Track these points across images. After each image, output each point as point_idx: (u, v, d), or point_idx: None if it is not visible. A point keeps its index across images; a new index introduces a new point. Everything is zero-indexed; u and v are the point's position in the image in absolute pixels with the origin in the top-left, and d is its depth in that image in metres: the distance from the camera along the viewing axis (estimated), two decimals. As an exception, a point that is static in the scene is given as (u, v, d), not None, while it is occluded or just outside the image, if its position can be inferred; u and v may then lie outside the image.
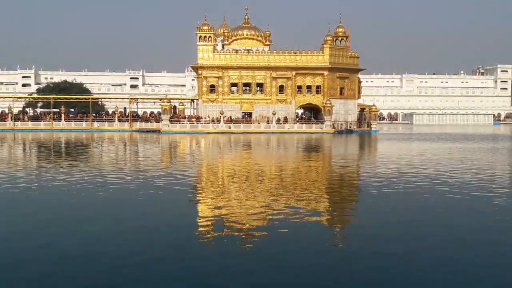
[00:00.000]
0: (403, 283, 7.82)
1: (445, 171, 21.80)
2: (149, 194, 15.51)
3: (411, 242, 10.21)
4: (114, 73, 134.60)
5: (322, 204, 14.58)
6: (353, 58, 68.25)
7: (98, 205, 13.88)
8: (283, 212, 12.83)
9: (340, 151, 36.68)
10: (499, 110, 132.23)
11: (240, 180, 19.14)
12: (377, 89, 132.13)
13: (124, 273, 8.23)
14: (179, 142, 45.02)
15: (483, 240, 10.29)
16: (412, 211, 13.35)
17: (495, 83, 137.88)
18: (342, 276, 8.18)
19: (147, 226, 11.44)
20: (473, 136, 57.15)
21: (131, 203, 14.26)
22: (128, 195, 15.35)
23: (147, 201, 14.57)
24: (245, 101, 65.42)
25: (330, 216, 13.09)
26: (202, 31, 64.69)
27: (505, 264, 8.70)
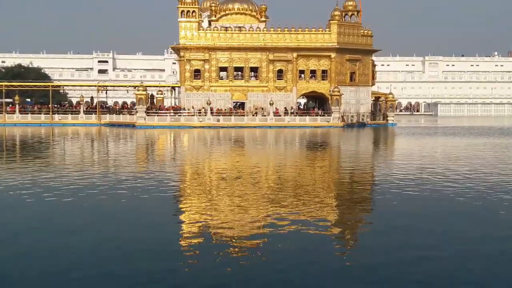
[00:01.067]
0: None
1: (475, 174, 21.83)
2: (124, 203, 15.47)
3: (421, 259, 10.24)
4: (79, 56, 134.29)
5: (326, 216, 14.56)
6: (366, 37, 68.30)
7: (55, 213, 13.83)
8: (281, 226, 12.81)
9: (350, 149, 36.69)
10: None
11: (230, 188, 19.09)
12: (395, 74, 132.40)
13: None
14: (158, 139, 44.93)
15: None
16: (430, 227, 13.37)
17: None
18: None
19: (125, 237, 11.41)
20: (509, 130, 57.34)
21: (104, 211, 14.23)
22: (95, 203, 15.30)
23: (123, 208, 14.54)
24: (237, 88, 65.35)
25: (334, 225, 13.08)
26: (184, 4, 64.48)
27: None
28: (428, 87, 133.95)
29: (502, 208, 14.82)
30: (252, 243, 11.39)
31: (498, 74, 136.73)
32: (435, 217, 13.98)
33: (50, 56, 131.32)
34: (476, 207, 14.98)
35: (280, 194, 17.43)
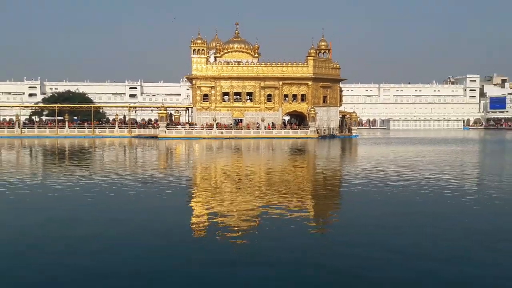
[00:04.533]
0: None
1: (419, 172, 22.06)
2: (152, 194, 15.56)
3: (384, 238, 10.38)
4: (114, 83, 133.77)
5: (308, 204, 14.69)
6: (335, 69, 68.63)
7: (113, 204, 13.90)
8: (272, 211, 12.92)
9: (324, 154, 36.87)
10: (468, 116, 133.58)
11: (232, 181, 19.21)
12: (357, 97, 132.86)
13: (125, 263, 8.29)
14: (175, 147, 44.96)
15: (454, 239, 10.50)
16: (389, 209, 13.52)
17: (465, 92, 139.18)
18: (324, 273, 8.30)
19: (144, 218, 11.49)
20: (444, 140, 57.73)
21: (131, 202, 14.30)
22: (128, 195, 15.36)
23: (148, 199, 14.62)
24: (236, 108, 65.47)
25: (316, 215, 13.20)
26: (196, 44, 64.75)
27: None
28: (382, 107, 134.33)
29: (428, 197, 15.02)
30: (249, 226, 11.50)
31: (436, 98, 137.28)
32: (392, 204, 14.15)
33: (92, 84, 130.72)
34: (414, 194, 15.19)
35: (271, 188, 17.54)
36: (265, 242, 9.80)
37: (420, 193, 15.64)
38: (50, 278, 7.73)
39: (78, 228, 10.92)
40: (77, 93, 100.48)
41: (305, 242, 9.88)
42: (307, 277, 7.78)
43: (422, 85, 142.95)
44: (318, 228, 11.45)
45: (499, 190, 16.74)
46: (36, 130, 66.04)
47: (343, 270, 8.11)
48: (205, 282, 7.57)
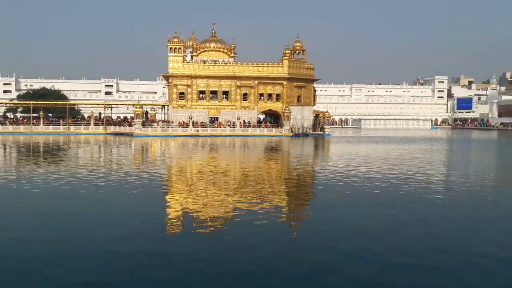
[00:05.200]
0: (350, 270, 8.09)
1: (387, 168, 22.43)
2: (124, 191, 15.36)
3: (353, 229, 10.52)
4: (90, 81, 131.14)
5: (281, 199, 14.76)
6: (309, 70, 69.00)
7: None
8: (245, 207, 12.94)
9: (297, 152, 37.09)
10: (436, 116, 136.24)
11: (207, 179, 19.13)
12: (330, 97, 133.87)
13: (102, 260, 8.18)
14: (151, 144, 44.48)
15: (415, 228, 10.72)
16: (358, 203, 13.71)
17: (433, 92, 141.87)
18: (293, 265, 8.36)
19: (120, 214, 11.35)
20: (413, 139, 58.80)
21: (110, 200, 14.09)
22: (101, 192, 15.13)
23: (123, 197, 14.43)
24: (212, 107, 65.18)
25: (288, 209, 13.28)
26: (172, 43, 64.17)
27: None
28: (354, 107, 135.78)
29: (404, 192, 15.32)
30: (223, 222, 11.49)
31: (405, 98, 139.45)
32: (362, 199, 14.35)
33: (68, 81, 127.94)
34: (383, 186, 15.44)
35: (245, 185, 17.55)
36: (239, 238, 9.81)
37: (387, 189, 15.93)
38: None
39: (54, 228, 10.71)
40: (52, 90, 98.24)
41: (277, 238, 9.93)
42: (279, 273, 7.83)
43: (392, 86, 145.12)
44: (290, 224, 11.53)
45: (460, 184, 17.19)
46: (10, 127, 64.32)
47: (317, 266, 8.18)
48: (179, 280, 7.53)
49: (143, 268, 7.83)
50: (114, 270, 7.81)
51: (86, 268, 7.86)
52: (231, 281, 7.42)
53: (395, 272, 7.84)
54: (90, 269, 7.82)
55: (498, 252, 8.95)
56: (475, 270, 7.99)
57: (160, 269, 7.84)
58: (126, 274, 7.61)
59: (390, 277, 7.64)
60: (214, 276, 7.59)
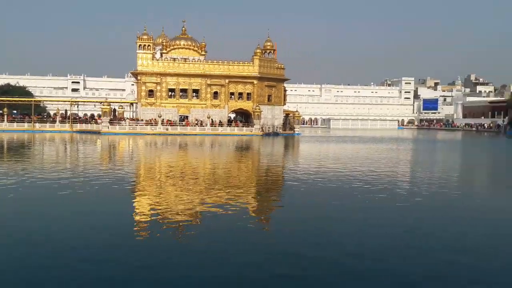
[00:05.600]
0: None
1: (354, 167, 22.67)
2: (88, 189, 14.94)
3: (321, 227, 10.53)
4: (56, 77, 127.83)
5: (250, 198, 14.66)
6: (280, 69, 69.20)
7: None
8: (214, 206, 12.78)
9: (267, 151, 37.12)
10: (403, 116, 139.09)
11: (174, 177, 18.85)
12: (300, 97, 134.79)
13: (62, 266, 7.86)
14: (118, 143, 43.63)
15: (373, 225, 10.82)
16: (325, 201, 13.75)
17: (400, 93, 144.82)
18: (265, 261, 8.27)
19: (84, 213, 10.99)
20: (381, 138, 59.82)
21: (71, 199, 13.66)
22: (66, 191, 14.67)
23: (88, 195, 14.02)
24: (182, 105, 64.50)
25: (257, 209, 13.19)
26: (142, 40, 63.14)
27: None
28: (324, 107, 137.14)
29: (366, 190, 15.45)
30: (191, 221, 11.30)
31: (373, 99, 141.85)
32: (330, 198, 14.40)
33: (33, 77, 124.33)
34: (347, 182, 15.57)
35: (214, 184, 17.38)
36: (208, 238, 9.65)
37: (353, 187, 16.07)
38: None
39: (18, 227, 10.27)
40: (17, 86, 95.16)
41: (247, 237, 9.82)
42: (250, 273, 7.71)
43: (361, 86, 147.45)
44: (259, 223, 11.43)
45: (424, 183, 17.53)
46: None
47: (287, 264, 8.11)
48: (146, 281, 7.32)
49: (109, 269, 7.57)
50: (71, 273, 7.51)
51: (43, 271, 7.54)
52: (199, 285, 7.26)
53: (360, 269, 7.85)
54: (47, 270, 7.51)
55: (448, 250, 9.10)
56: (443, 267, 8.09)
57: (125, 270, 7.60)
58: (86, 278, 7.33)
59: (357, 274, 7.65)
60: (181, 278, 7.41)
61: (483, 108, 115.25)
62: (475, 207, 13.76)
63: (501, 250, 9.27)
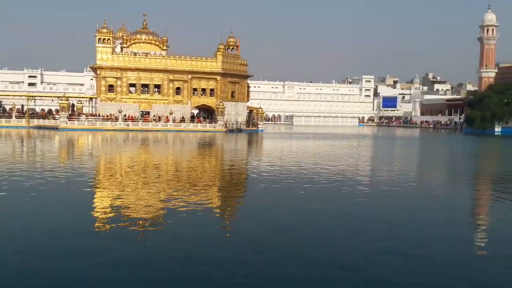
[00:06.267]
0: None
1: (316, 162, 22.84)
2: (46, 187, 14.32)
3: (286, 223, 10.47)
4: (12, 71, 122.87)
5: (214, 195, 14.46)
6: (243, 66, 69.03)
7: None
8: (177, 203, 12.50)
9: (230, 147, 36.92)
10: (363, 114, 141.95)
11: (136, 174, 18.38)
12: (263, 94, 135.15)
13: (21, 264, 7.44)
14: (76, 139, 42.32)
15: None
16: (288, 197, 13.73)
17: (360, 91, 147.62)
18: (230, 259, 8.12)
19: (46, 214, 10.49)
20: (342, 135, 60.78)
21: (29, 197, 13.04)
22: (24, 188, 14.01)
23: (43, 193, 13.43)
24: (143, 100, 63.27)
25: (221, 206, 13.00)
26: (101, 33, 61.45)
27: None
28: (286, 104, 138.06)
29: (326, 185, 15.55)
30: (154, 219, 11.00)
31: (335, 96, 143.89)
32: (293, 192, 14.38)
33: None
34: (311, 177, 15.63)
35: (176, 181, 17.07)
36: (170, 236, 9.39)
37: (317, 183, 16.15)
38: None
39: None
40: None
41: (210, 235, 9.63)
42: (210, 272, 7.53)
43: (323, 84, 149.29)
44: (222, 220, 11.26)
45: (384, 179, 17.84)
46: None
47: (249, 264, 7.97)
48: (107, 280, 7.01)
49: (64, 268, 7.21)
50: (28, 276, 7.12)
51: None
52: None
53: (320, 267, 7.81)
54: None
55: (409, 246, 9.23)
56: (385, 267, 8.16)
57: (83, 270, 7.26)
58: (43, 279, 6.96)
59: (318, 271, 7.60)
60: (139, 278, 7.14)
61: (440, 106, 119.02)
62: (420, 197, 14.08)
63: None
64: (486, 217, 12.64)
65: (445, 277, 7.43)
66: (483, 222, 11.88)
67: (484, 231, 10.86)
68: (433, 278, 7.34)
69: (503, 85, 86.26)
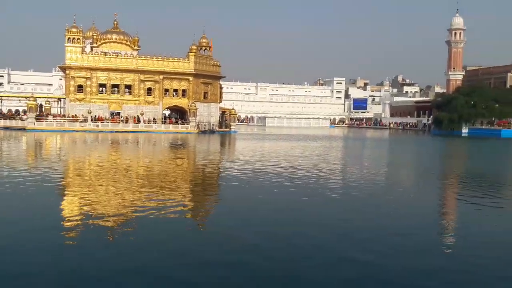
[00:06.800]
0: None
1: (287, 163, 22.92)
2: (10, 191, 13.85)
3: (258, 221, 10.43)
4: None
5: (185, 196, 14.29)
6: (216, 67, 68.73)
7: None
8: (147, 205, 12.29)
9: (203, 148, 36.68)
10: (335, 115, 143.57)
11: (106, 179, 18.01)
12: (236, 95, 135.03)
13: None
14: (44, 140, 41.23)
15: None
16: (261, 198, 13.70)
17: (332, 93, 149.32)
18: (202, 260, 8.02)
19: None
20: (313, 136, 61.26)
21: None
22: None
23: (10, 195, 12.98)
24: (114, 101, 62.19)
25: (193, 207, 12.85)
26: (71, 33, 60.11)
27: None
28: (259, 105, 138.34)
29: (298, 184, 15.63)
30: (124, 221, 10.77)
31: (307, 98, 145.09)
32: (265, 194, 14.35)
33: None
34: (281, 179, 15.66)
35: (148, 182, 16.81)
36: (140, 239, 9.20)
37: (285, 185, 16.18)
38: None
39: None
40: None
41: (183, 238, 9.49)
42: (182, 274, 7.41)
43: (295, 85, 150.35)
44: (194, 222, 11.13)
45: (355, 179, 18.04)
46: None
47: (226, 264, 7.88)
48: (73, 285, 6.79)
49: (34, 272, 6.96)
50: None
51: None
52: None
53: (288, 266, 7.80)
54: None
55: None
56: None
57: (54, 272, 7.02)
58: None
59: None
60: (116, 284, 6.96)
61: (409, 107, 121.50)
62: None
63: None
64: (452, 216, 12.90)
65: (411, 276, 7.52)
66: (450, 222, 12.11)
67: (450, 230, 11.07)
68: (399, 278, 7.42)
69: (470, 88, 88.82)
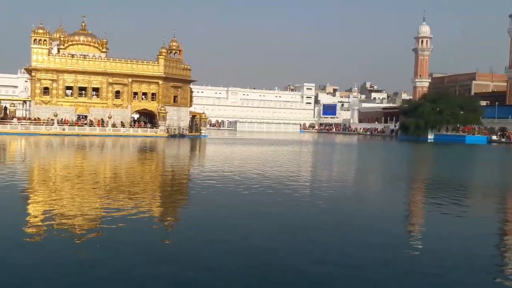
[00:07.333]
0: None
1: (258, 168, 22.92)
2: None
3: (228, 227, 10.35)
4: None
5: (153, 202, 14.05)
6: (186, 70, 68.25)
7: None
8: (115, 212, 12.01)
9: (172, 153, 36.29)
10: (305, 120, 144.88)
11: (72, 185, 17.54)
12: (207, 99, 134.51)
13: None
14: (9, 144, 39.92)
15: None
16: (230, 202, 13.62)
17: (302, 98, 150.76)
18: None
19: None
20: (283, 141, 61.57)
21: None
22: None
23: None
24: (81, 104, 60.89)
25: (160, 213, 12.65)
26: (37, 34, 58.60)
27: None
28: (230, 109, 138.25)
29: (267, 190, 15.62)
30: (90, 229, 10.49)
31: (277, 103, 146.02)
32: (234, 200, 14.27)
33: None
34: (251, 182, 15.64)
35: (116, 188, 16.47)
36: (109, 245, 8.96)
37: (258, 189, 16.16)
38: None
39: None
40: None
41: (151, 243, 9.31)
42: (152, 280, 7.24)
43: (266, 90, 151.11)
44: (163, 228, 10.94)
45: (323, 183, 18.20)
46: None
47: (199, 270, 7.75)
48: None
49: None
50: None
51: None
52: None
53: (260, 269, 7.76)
54: None
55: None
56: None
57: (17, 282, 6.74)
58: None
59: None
60: None
61: (377, 113, 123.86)
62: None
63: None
64: (418, 220, 13.13)
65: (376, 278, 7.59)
66: (416, 227, 12.32)
67: (416, 233, 11.26)
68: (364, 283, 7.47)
69: (436, 95, 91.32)
